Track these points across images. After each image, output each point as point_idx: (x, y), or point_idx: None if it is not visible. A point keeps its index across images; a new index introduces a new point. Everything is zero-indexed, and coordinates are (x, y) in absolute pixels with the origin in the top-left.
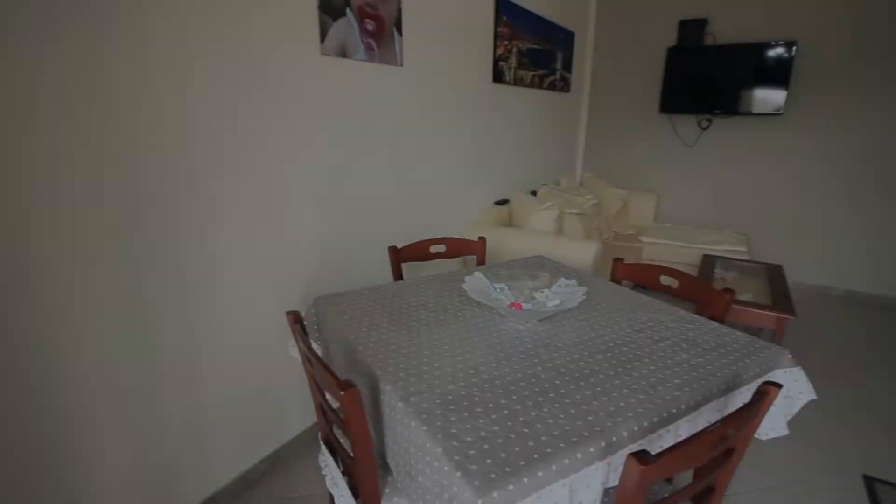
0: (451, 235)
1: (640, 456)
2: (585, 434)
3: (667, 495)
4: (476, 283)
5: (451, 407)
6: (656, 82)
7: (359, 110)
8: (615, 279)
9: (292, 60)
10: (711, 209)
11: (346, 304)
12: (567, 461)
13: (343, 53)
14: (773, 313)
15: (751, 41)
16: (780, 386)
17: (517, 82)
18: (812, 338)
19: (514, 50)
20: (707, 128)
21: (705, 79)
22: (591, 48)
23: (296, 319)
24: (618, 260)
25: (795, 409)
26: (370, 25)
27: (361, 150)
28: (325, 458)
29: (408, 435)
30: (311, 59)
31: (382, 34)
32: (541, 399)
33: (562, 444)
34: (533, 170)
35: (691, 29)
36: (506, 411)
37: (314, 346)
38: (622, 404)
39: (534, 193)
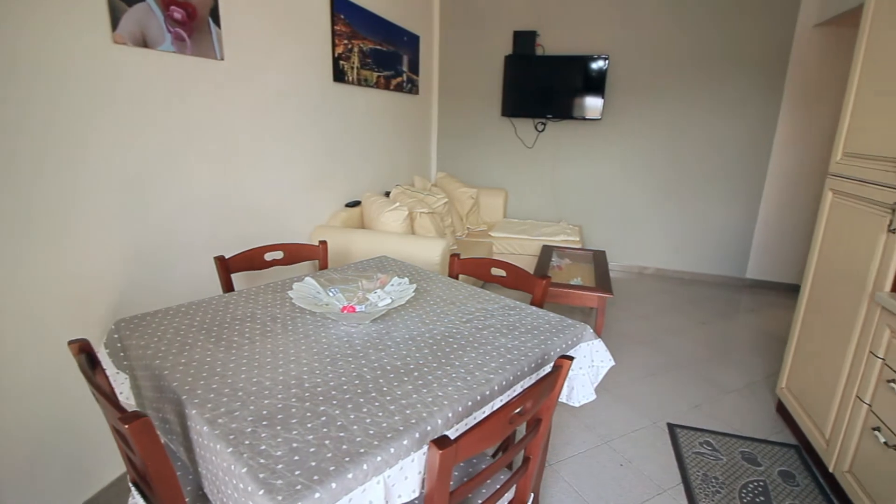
0: (299, 240)
1: (439, 441)
2: (401, 428)
3: (484, 468)
4: (305, 289)
5: (265, 423)
6: (498, 87)
7: (170, 108)
8: (452, 274)
9: (74, 48)
10: (551, 204)
11: (156, 324)
12: (380, 458)
13: (144, 43)
14: (595, 293)
15: (573, 54)
16: (572, 359)
17: (362, 83)
18: (629, 311)
19: (356, 50)
20: (543, 130)
21: (538, 86)
22: (437, 52)
23: (80, 349)
24: (454, 255)
25: (601, 376)
26: (178, 14)
27: (178, 153)
28: (136, 501)
29: (216, 460)
30: (99, 47)
31: (195, 24)
32: (362, 400)
33: (375, 442)
34: (387, 171)
35: (524, 40)
36: (324, 418)
37: (121, 375)
38: (440, 394)
39: (388, 194)
